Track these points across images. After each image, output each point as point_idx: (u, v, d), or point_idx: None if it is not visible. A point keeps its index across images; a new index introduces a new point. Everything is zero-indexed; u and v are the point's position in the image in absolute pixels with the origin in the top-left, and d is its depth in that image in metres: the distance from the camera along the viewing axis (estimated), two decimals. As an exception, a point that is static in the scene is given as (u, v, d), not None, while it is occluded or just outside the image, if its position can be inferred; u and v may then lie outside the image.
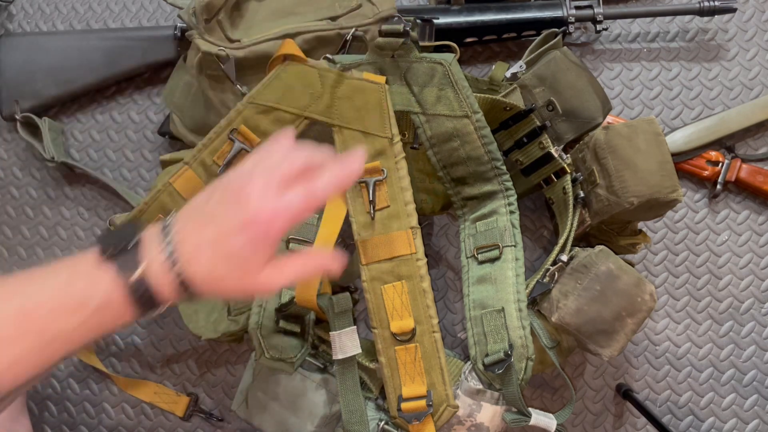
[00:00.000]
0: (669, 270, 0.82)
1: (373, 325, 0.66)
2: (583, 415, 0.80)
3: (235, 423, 0.81)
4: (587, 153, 0.70)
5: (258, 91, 0.66)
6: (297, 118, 0.66)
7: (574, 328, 0.65)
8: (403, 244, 0.66)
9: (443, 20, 0.81)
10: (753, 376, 0.80)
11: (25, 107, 0.85)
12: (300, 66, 0.66)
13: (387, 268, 0.66)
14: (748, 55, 0.87)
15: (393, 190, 0.66)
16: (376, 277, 0.66)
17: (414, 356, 0.65)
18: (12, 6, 0.93)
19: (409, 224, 0.66)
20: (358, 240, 0.67)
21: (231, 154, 0.65)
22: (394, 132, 0.66)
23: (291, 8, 0.74)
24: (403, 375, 0.66)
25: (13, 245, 0.87)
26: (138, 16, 0.92)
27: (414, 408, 0.65)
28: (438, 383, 0.65)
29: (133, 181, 0.88)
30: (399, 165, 0.66)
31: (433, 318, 0.66)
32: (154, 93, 0.90)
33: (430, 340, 0.65)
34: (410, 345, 0.65)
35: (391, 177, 0.66)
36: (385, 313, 0.66)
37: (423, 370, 0.65)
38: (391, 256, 0.66)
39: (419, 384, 0.65)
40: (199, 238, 0.43)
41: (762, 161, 0.84)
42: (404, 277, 0.66)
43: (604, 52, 0.88)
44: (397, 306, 0.65)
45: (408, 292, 0.66)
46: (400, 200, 0.66)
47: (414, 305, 0.65)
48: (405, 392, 0.65)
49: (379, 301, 0.66)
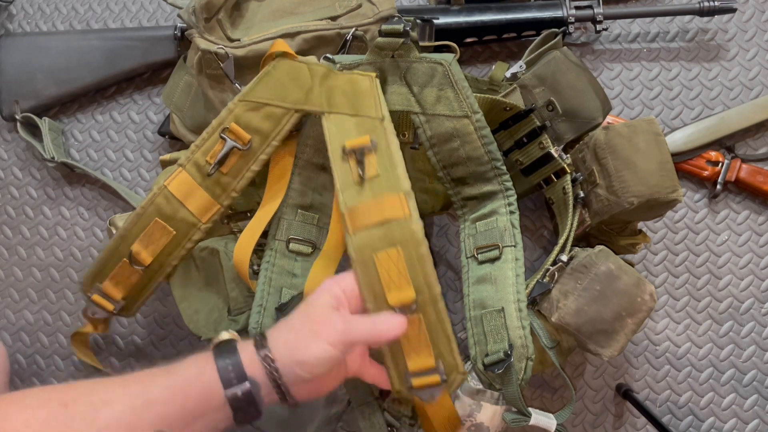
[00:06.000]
0: (669, 270, 0.82)
1: (367, 306, 0.59)
2: (583, 415, 0.80)
3: (235, 423, 0.81)
4: (587, 153, 0.70)
5: (249, 89, 0.65)
6: (288, 111, 0.65)
7: (574, 328, 0.65)
8: (396, 207, 0.60)
9: (443, 20, 0.81)
10: (753, 376, 0.80)
11: (25, 107, 0.86)
12: (289, 62, 0.66)
13: (378, 234, 0.59)
14: (748, 55, 0.87)
15: (383, 160, 0.62)
16: (366, 245, 0.59)
17: (417, 329, 0.59)
18: (12, 6, 0.93)
19: (402, 189, 0.60)
20: (344, 209, 0.61)
21: (222, 152, 0.65)
22: (384, 114, 0.64)
23: (291, 8, 0.74)
24: (407, 349, 0.59)
25: (13, 245, 0.87)
26: (138, 16, 0.92)
27: (426, 383, 0.59)
28: (446, 353, 0.60)
29: (133, 181, 0.88)
30: (389, 140, 0.63)
31: (434, 286, 0.59)
32: (154, 93, 0.90)
33: (433, 309, 0.59)
34: (413, 317, 0.59)
35: (381, 149, 0.62)
36: (380, 285, 0.58)
37: (428, 342, 0.59)
38: (382, 220, 0.59)
39: (426, 356, 0.59)
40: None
41: (762, 161, 0.84)
42: (399, 243, 0.58)
43: (604, 52, 0.88)
44: (393, 276, 0.58)
45: (405, 259, 0.58)
46: (391, 170, 0.61)
47: (413, 273, 0.58)
48: (411, 366, 0.59)
49: (371, 272, 0.58)
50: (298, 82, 0.65)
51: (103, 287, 0.68)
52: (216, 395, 0.51)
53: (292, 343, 0.53)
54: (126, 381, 0.52)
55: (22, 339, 0.85)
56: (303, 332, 0.54)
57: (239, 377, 0.52)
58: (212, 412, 0.52)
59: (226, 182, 0.66)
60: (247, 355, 0.53)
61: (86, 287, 0.69)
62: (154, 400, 0.50)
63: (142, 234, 0.66)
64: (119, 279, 0.68)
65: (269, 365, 0.53)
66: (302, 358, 0.53)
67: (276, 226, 0.71)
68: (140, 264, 0.67)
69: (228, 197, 0.67)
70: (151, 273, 0.68)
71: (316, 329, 0.53)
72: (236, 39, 0.71)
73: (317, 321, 0.54)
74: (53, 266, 0.86)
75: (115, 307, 0.69)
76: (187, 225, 0.66)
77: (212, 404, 0.52)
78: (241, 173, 0.66)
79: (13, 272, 0.87)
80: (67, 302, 0.86)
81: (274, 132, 0.66)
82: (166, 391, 0.51)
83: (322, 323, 0.54)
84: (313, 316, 0.55)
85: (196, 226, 0.67)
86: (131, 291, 0.69)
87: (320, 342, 0.53)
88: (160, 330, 0.84)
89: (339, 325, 0.53)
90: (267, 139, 0.66)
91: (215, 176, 0.66)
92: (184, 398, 0.51)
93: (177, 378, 0.52)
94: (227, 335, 0.56)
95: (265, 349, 0.53)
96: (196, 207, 0.66)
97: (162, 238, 0.66)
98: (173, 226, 0.66)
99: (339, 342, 0.53)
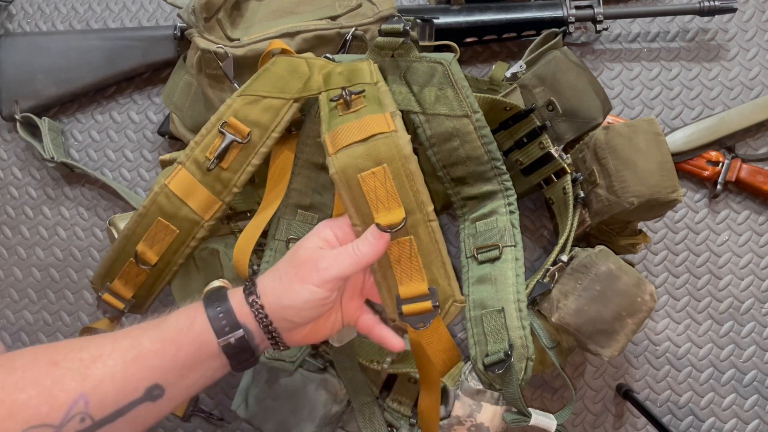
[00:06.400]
0: (669, 270, 0.82)
1: (354, 223, 0.55)
2: (583, 415, 0.80)
3: (235, 423, 0.81)
4: (587, 153, 0.70)
5: (247, 85, 0.65)
6: (286, 102, 0.65)
7: (574, 328, 0.65)
8: (380, 122, 0.56)
9: (443, 20, 0.81)
10: (753, 376, 0.80)
11: (24, 107, 0.86)
12: (288, 58, 0.66)
13: (361, 151, 0.55)
14: (749, 55, 0.87)
15: (372, 98, 0.59)
16: (349, 165, 0.55)
17: (409, 250, 0.55)
18: (12, 6, 0.93)
19: (387, 109, 0.57)
20: (326, 136, 0.57)
21: (222, 147, 0.65)
22: (378, 78, 0.62)
23: (291, 7, 0.74)
24: (399, 273, 0.56)
25: (13, 245, 0.87)
26: (138, 16, 0.92)
27: (418, 310, 0.56)
28: (440, 278, 0.56)
29: (133, 181, 0.88)
30: (381, 89, 0.60)
31: (426, 204, 0.55)
32: (154, 93, 0.90)
33: (425, 230, 0.55)
34: (403, 238, 0.55)
35: (371, 92, 0.60)
36: (367, 207, 0.54)
37: (421, 266, 0.56)
38: (365, 137, 0.55)
39: (418, 281, 0.56)
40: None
41: (762, 161, 0.84)
42: (384, 160, 0.54)
43: (604, 52, 0.88)
44: (381, 196, 0.54)
45: (393, 177, 0.54)
46: (379, 103, 0.59)
47: (402, 192, 0.54)
48: (403, 292, 0.56)
49: (356, 194, 0.55)
50: (297, 75, 0.65)
51: (113, 287, 0.69)
52: (209, 343, 0.51)
53: (278, 289, 0.53)
54: (116, 336, 0.51)
55: (22, 339, 0.85)
56: (288, 277, 0.53)
57: (231, 325, 0.51)
58: (207, 360, 0.51)
59: (227, 178, 0.66)
60: (236, 302, 0.53)
61: (97, 287, 0.70)
62: (146, 353, 0.49)
63: (146, 234, 0.66)
64: (127, 278, 0.68)
65: (258, 312, 0.52)
66: (288, 302, 0.52)
67: (276, 226, 0.71)
68: (146, 263, 0.67)
69: (229, 193, 0.66)
70: (158, 272, 0.68)
71: (301, 273, 0.52)
72: (236, 39, 0.71)
73: (301, 264, 0.53)
74: (53, 266, 0.86)
75: (126, 305, 0.70)
76: (190, 223, 0.66)
77: (205, 353, 0.51)
78: (241, 168, 0.66)
79: (12, 272, 0.87)
80: (66, 302, 0.85)
81: (273, 123, 0.65)
82: (158, 343, 0.50)
83: (306, 266, 0.53)
84: (297, 260, 0.53)
85: (200, 224, 0.67)
86: (140, 289, 0.69)
87: (305, 285, 0.52)
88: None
89: (323, 263, 0.52)
90: (266, 131, 0.65)
91: (215, 172, 0.65)
92: (176, 349, 0.50)
93: (168, 329, 0.51)
94: (218, 283, 0.55)
95: (254, 296, 0.52)
96: (197, 204, 0.66)
97: (166, 237, 0.66)
98: (176, 225, 0.66)
99: (324, 281, 0.52)
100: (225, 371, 0.53)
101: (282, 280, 0.53)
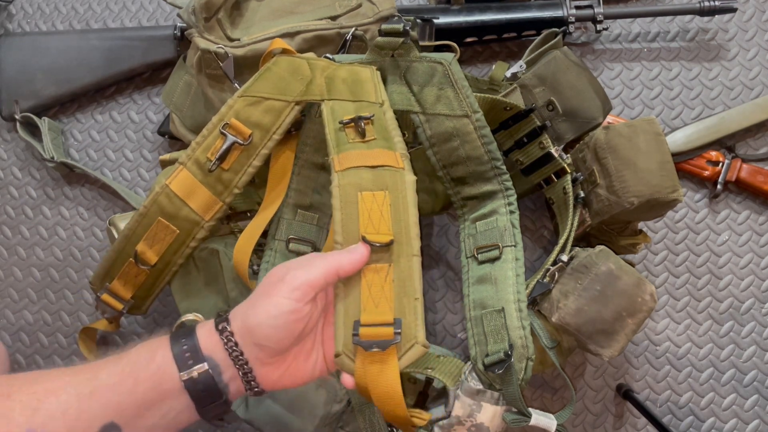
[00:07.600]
0: (669, 270, 0.82)
1: (336, 240, 0.52)
2: (584, 415, 0.80)
3: (235, 423, 0.81)
4: (587, 153, 0.70)
5: (249, 85, 0.65)
6: (288, 104, 0.65)
7: (574, 328, 0.65)
8: (390, 157, 0.55)
9: (443, 20, 0.81)
10: (753, 376, 0.80)
11: (24, 107, 0.85)
12: (289, 58, 0.66)
13: (368, 175, 0.54)
14: (749, 55, 0.87)
15: (380, 128, 0.60)
16: (352, 183, 0.54)
17: (384, 277, 0.51)
18: (12, 6, 0.93)
19: (398, 149, 0.58)
20: (334, 157, 0.56)
21: (223, 148, 0.65)
22: (384, 99, 0.63)
23: (291, 7, 0.74)
24: (366, 299, 0.51)
25: (12, 245, 0.87)
26: (137, 15, 0.92)
27: (376, 334, 0.50)
28: (409, 313, 0.51)
29: (133, 181, 0.88)
30: (387, 116, 0.61)
31: (414, 240, 0.53)
32: (154, 93, 0.90)
33: (407, 262, 0.52)
34: (381, 265, 0.51)
35: (379, 120, 0.61)
36: (357, 224, 0.52)
37: (392, 296, 0.51)
38: (374, 165, 0.55)
39: (385, 310, 0.50)
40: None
41: (762, 161, 0.84)
42: (388, 188, 0.53)
43: (604, 52, 0.88)
44: (374, 218, 0.52)
45: (391, 204, 0.53)
46: (388, 137, 0.59)
47: (395, 220, 0.53)
48: (364, 318, 0.50)
49: (351, 209, 0.53)
50: (299, 76, 0.65)
51: (112, 287, 0.68)
52: (169, 378, 0.47)
53: (246, 309, 0.49)
54: (75, 370, 0.48)
55: (22, 339, 0.85)
56: (257, 296, 0.50)
57: (195, 357, 0.47)
58: (168, 399, 0.47)
59: (228, 179, 0.66)
60: (205, 332, 0.49)
61: (96, 287, 0.70)
62: (103, 387, 0.46)
63: (146, 234, 0.66)
64: (127, 279, 0.68)
65: (228, 340, 0.48)
66: (255, 321, 0.48)
67: (276, 226, 0.71)
68: (146, 263, 0.67)
69: (230, 194, 0.66)
70: (157, 272, 0.68)
71: (269, 289, 0.49)
72: (236, 38, 0.71)
73: (272, 281, 0.49)
74: (53, 266, 0.86)
75: (124, 306, 0.70)
76: (190, 223, 0.66)
77: (166, 389, 0.47)
78: (242, 169, 0.66)
79: (12, 272, 0.87)
80: (66, 302, 0.85)
81: (274, 126, 0.65)
82: (116, 376, 0.47)
83: (273, 282, 0.49)
84: (268, 279, 0.50)
85: (200, 225, 0.66)
86: (140, 290, 0.69)
87: (272, 298, 0.48)
88: (160, 330, 0.83)
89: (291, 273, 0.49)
90: (268, 133, 0.65)
91: (216, 173, 0.65)
92: (134, 383, 0.47)
93: (128, 362, 0.48)
94: (191, 317, 0.53)
95: (224, 323, 0.49)
96: (198, 205, 0.66)
97: (166, 237, 0.66)
98: (177, 225, 0.66)
99: (292, 289, 0.48)
100: (191, 417, 0.49)
101: (251, 300, 0.50)
